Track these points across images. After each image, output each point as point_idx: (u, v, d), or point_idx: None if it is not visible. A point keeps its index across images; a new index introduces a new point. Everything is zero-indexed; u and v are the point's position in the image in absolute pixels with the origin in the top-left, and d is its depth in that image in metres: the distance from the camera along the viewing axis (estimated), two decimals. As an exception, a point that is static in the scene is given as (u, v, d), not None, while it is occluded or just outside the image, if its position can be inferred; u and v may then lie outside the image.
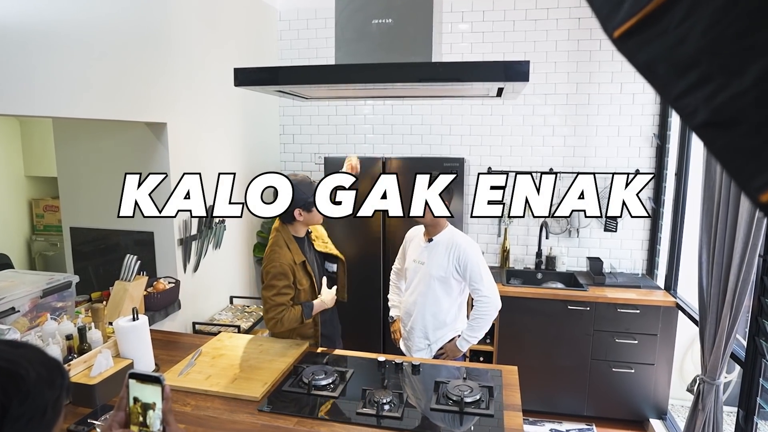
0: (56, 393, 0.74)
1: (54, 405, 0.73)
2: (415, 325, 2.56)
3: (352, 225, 3.58)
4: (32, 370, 0.71)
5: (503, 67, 1.50)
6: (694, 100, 0.39)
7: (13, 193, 4.28)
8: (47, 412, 0.71)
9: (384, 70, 1.49)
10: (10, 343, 0.75)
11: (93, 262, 3.04)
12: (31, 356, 0.73)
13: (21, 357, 0.71)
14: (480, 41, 3.79)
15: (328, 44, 4.03)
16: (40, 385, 0.71)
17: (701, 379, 2.49)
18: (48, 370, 0.74)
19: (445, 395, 1.92)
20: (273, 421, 1.79)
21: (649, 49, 0.41)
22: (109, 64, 2.32)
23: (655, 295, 3.31)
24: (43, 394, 0.71)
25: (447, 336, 2.53)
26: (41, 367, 0.73)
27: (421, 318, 2.53)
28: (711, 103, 0.36)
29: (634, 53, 0.43)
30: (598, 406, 3.42)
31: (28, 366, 0.71)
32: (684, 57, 0.38)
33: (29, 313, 2.25)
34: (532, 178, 2.32)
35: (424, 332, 2.54)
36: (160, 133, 2.77)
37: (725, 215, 2.27)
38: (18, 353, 0.72)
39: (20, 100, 1.89)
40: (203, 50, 3.09)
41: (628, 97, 3.65)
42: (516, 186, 2.39)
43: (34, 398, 0.69)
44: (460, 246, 2.43)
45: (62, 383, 0.76)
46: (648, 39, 0.41)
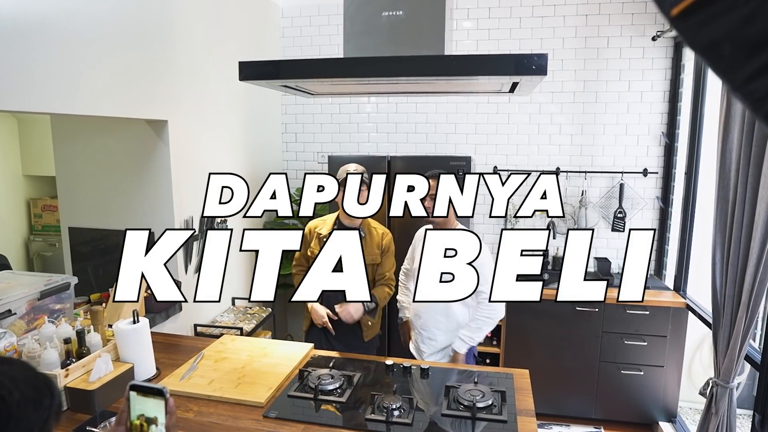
0: (44, 415, 0.66)
1: (41, 428, 0.65)
2: (426, 326, 2.50)
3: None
4: (15, 390, 0.63)
5: (520, 61, 1.44)
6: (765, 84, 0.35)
7: (10, 192, 4.22)
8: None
9: (397, 64, 1.43)
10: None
11: (92, 263, 2.97)
12: (15, 374, 0.65)
13: (3, 375, 0.64)
14: (486, 38, 3.74)
15: (331, 41, 3.97)
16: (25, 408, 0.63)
17: (714, 382, 2.43)
18: (35, 390, 0.66)
19: (456, 400, 1.86)
20: (279, 427, 1.73)
21: (713, 28, 0.36)
22: (109, 59, 2.26)
23: (665, 296, 3.25)
24: (28, 418, 0.63)
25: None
26: (27, 386, 0.65)
27: (433, 321, 2.48)
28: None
29: (694, 33, 0.38)
30: (606, 408, 3.36)
31: (10, 385, 0.63)
32: (754, 36, 0.34)
33: (26, 315, 2.19)
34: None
35: (436, 335, 2.48)
36: (161, 131, 2.71)
37: (741, 215, 2.21)
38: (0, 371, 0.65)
39: (18, 96, 1.83)
40: (205, 47, 3.03)
41: (636, 95, 3.59)
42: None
43: (18, 422, 0.61)
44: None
45: (51, 403, 0.67)
46: (712, 17, 0.36)
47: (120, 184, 2.83)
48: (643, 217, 3.69)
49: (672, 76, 3.52)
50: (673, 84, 3.51)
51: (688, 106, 3.29)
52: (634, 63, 3.56)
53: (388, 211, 3.54)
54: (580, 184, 3.74)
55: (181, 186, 2.83)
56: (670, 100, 3.54)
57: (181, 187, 2.82)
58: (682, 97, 3.46)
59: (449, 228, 2.46)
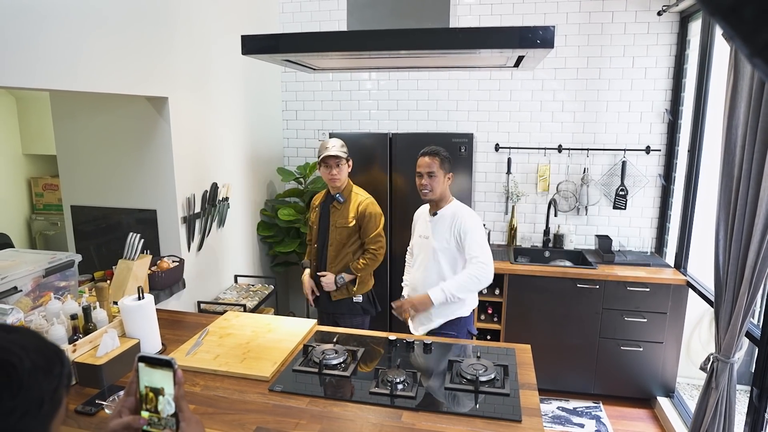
0: (54, 383, 0.66)
1: (52, 396, 0.65)
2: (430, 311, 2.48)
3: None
4: (26, 358, 0.63)
5: (526, 34, 1.42)
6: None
7: (11, 171, 4.20)
8: (44, 404, 0.64)
9: (403, 37, 1.40)
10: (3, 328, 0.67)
11: (95, 242, 2.98)
12: (25, 342, 0.65)
13: (13, 343, 0.64)
14: (488, 14, 3.68)
15: (331, 17, 3.91)
16: (36, 375, 0.63)
17: (715, 357, 2.45)
18: (45, 358, 0.66)
19: (459, 374, 1.88)
20: (284, 401, 1.75)
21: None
22: (108, 36, 2.23)
23: (665, 273, 3.27)
24: (39, 385, 0.63)
25: (455, 313, 2.46)
26: (37, 355, 0.65)
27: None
28: None
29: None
30: (605, 384, 3.40)
31: (21, 353, 0.63)
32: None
33: (32, 292, 2.20)
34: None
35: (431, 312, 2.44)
36: (161, 108, 2.69)
37: (746, 191, 2.21)
38: (10, 339, 0.65)
39: (18, 72, 1.81)
40: (205, 24, 2.99)
41: (640, 71, 3.56)
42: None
43: (28, 390, 0.62)
44: (462, 217, 2.41)
45: (61, 372, 0.68)
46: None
47: (121, 162, 2.82)
48: (644, 194, 3.69)
49: (677, 51, 3.48)
50: (678, 60, 3.47)
51: (693, 82, 3.26)
52: (639, 38, 3.52)
53: (390, 190, 3.54)
54: (582, 162, 3.73)
55: (183, 163, 2.82)
56: (675, 77, 3.51)
57: (182, 164, 2.81)
58: (687, 73, 3.42)
59: (443, 203, 2.47)
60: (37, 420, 0.62)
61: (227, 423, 1.63)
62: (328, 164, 2.73)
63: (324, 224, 2.88)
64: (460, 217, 2.41)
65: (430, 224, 2.48)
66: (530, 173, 3.84)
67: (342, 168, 2.76)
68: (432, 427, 1.61)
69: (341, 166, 2.75)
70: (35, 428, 0.62)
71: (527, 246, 3.87)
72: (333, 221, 2.83)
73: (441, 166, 2.40)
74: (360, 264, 2.80)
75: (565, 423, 3.22)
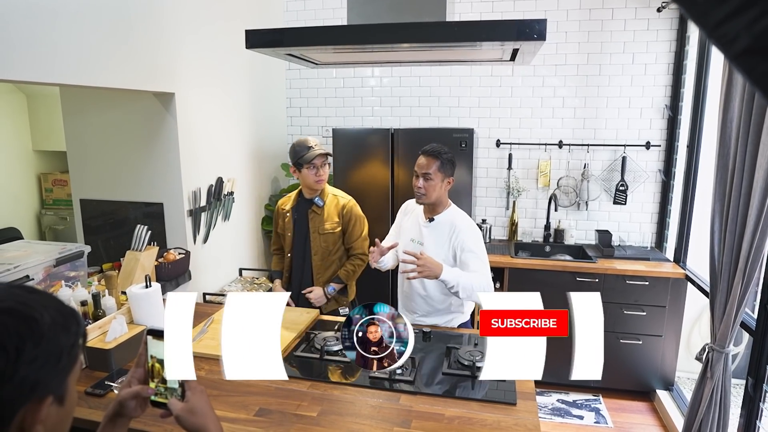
0: (72, 339, 0.72)
1: (69, 351, 0.71)
2: (417, 309, 2.36)
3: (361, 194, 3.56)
4: (46, 314, 0.69)
5: (518, 26, 1.47)
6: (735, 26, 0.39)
7: (21, 167, 4.29)
8: (62, 357, 0.69)
9: (401, 30, 1.46)
10: (25, 288, 0.73)
11: (102, 236, 3.05)
12: (45, 301, 0.71)
13: (35, 301, 0.70)
14: (489, 10, 3.73)
15: (335, 15, 3.97)
16: (55, 330, 0.69)
17: (710, 347, 2.49)
18: (63, 316, 0.72)
19: (457, 360, 1.93)
20: (286, 384, 1.81)
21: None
22: (117, 32, 2.29)
23: (665, 267, 3.30)
24: (58, 339, 0.69)
25: (454, 322, 2.37)
26: (56, 313, 0.71)
27: (424, 303, 2.33)
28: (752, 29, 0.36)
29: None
30: (605, 377, 3.37)
31: (42, 310, 0.69)
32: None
33: (43, 281, 2.27)
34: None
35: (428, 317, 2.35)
36: (168, 104, 2.75)
37: (739, 183, 2.25)
38: (32, 297, 0.71)
39: (28, 66, 1.88)
40: (210, 21, 3.05)
41: (640, 67, 3.59)
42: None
43: (49, 342, 0.67)
44: (462, 229, 2.21)
45: (78, 330, 0.73)
46: None
47: (129, 157, 2.89)
48: (645, 190, 3.72)
49: (676, 48, 3.51)
50: (678, 56, 3.51)
51: (692, 78, 3.30)
52: (639, 35, 3.55)
53: (392, 186, 3.59)
54: (583, 157, 3.76)
55: (189, 158, 2.88)
56: (674, 73, 3.54)
57: (188, 159, 2.87)
58: (686, 69, 3.46)
59: (441, 208, 2.28)
60: (56, 370, 0.68)
61: (231, 404, 1.69)
62: (315, 165, 2.52)
63: (301, 231, 2.66)
64: (459, 229, 2.21)
65: (425, 230, 2.28)
66: (531, 169, 3.88)
67: (326, 170, 2.58)
68: (429, 409, 1.66)
69: (326, 167, 2.57)
70: (54, 378, 0.68)
71: (528, 241, 3.91)
72: (314, 227, 2.62)
73: (440, 168, 2.17)
74: (349, 270, 2.65)
75: (564, 415, 3.26)
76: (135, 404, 1.03)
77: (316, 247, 2.64)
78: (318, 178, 2.55)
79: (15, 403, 0.64)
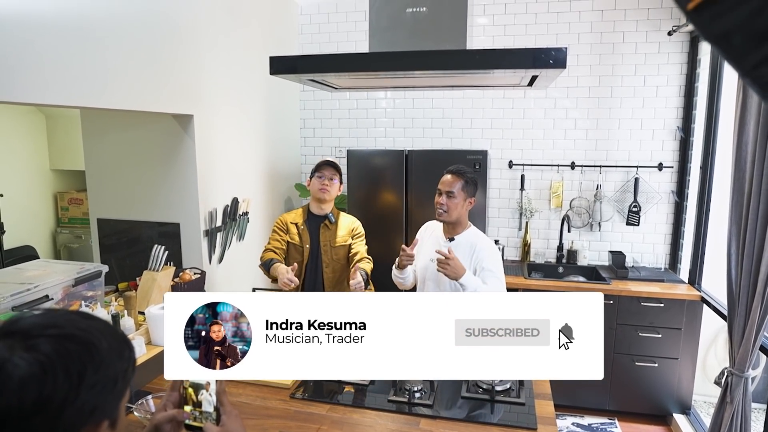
0: (125, 364, 0.74)
1: (124, 376, 0.74)
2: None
3: (375, 214, 3.59)
4: (104, 340, 0.71)
5: (539, 54, 1.49)
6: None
7: (38, 186, 4.35)
8: (118, 382, 0.72)
9: (424, 58, 1.49)
10: (81, 314, 0.76)
11: (118, 255, 3.07)
12: (102, 327, 0.74)
13: (93, 327, 0.72)
14: (501, 34, 3.78)
15: (348, 38, 4.04)
16: (111, 355, 0.71)
17: (729, 371, 2.46)
18: (117, 342, 0.74)
19: (476, 384, 1.92)
20: (305, 407, 1.81)
21: (725, 20, 0.42)
22: (138, 57, 2.34)
23: (679, 289, 3.28)
24: (114, 364, 0.72)
25: None
26: (111, 339, 0.73)
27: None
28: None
29: (708, 25, 0.44)
30: (620, 400, 3.40)
31: (100, 336, 0.71)
32: (761, 26, 0.39)
33: (61, 301, 2.29)
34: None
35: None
36: (186, 125, 2.80)
37: (756, 206, 2.24)
38: (90, 324, 0.73)
39: (53, 90, 1.92)
40: (228, 45, 3.11)
41: (651, 89, 3.62)
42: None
43: (107, 367, 0.70)
44: (483, 249, 2.28)
45: (130, 356, 0.76)
46: (724, 10, 0.42)
47: (147, 177, 2.93)
48: (658, 211, 3.72)
49: (688, 70, 3.54)
50: (689, 78, 3.53)
51: (704, 100, 3.31)
52: (650, 58, 3.58)
53: (406, 206, 3.61)
54: (595, 179, 3.77)
55: (206, 179, 2.92)
56: (686, 95, 3.56)
57: (205, 179, 2.91)
58: (698, 91, 3.48)
59: (461, 228, 2.34)
60: (112, 395, 0.70)
61: (251, 427, 1.68)
62: (322, 174, 2.66)
63: (313, 244, 2.75)
64: (479, 248, 2.27)
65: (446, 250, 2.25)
66: (543, 189, 3.89)
67: (334, 185, 2.69)
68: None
69: (334, 181, 2.68)
70: (110, 402, 0.70)
71: (541, 262, 3.90)
72: (324, 241, 2.73)
73: (463, 188, 2.25)
74: (369, 266, 2.69)
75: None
76: (170, 428, 1.03)
77: (327, 259, 2.75)
78: (321, 187, 2.67)
79: (75, 427, 0.65)
